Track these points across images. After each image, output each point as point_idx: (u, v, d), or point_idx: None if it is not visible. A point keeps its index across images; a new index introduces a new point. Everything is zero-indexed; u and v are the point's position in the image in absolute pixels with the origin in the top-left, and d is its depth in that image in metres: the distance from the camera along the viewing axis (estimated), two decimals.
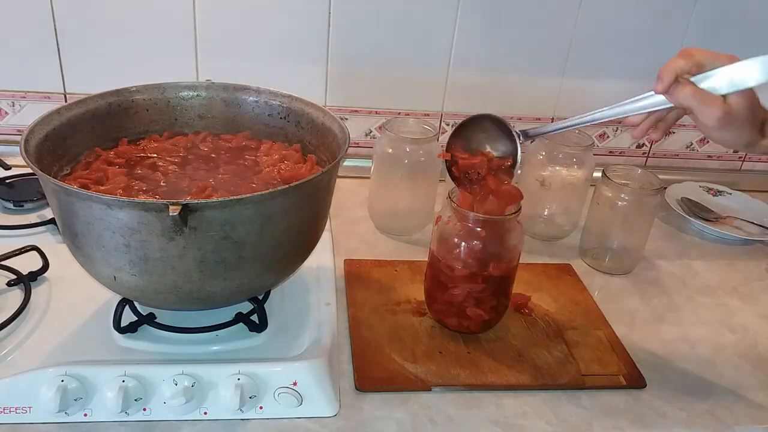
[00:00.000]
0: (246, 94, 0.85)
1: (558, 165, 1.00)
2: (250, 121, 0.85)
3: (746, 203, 1.21)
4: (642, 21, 1.16)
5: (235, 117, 0.86)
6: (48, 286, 0.80)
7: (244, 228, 0.61)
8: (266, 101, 0.84)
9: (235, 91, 0.85)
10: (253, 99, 0.85)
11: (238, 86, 0.85)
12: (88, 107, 0.77)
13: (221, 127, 0.86)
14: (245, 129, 0.86)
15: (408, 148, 0.95)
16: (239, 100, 0.85)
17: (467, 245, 0.74)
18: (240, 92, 0.85)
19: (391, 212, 1.03)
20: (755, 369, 0.81)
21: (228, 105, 0.85)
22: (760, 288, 0.98)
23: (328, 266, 0.87)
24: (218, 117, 0.86)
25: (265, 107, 0.85)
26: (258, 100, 0.85)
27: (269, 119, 0.85)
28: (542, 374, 0.75)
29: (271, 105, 0.84)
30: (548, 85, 1.20)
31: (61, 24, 1.05)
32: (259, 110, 0.85)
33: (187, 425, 0.65)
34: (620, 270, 0.98)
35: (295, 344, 0.73)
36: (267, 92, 0.84)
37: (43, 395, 0.63)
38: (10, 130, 1.13)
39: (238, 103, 0.85)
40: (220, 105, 0.85)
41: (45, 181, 0.60)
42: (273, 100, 0.84)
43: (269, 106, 0.84)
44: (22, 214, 0.96)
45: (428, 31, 1.12)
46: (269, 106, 0.84)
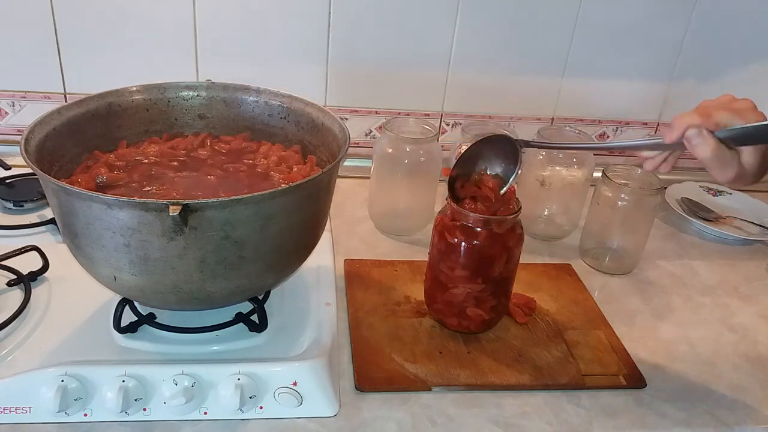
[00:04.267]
0: (246, 94, 0.85)
1: (558, 165, 1.00)
2: (250, 121, 0.85)
3: (746, 203, 1.21)
4: (642, 21, 1.16)
5: (235, 117, 0.86)
6: (48, 286, 0.80)
7: (244, 228, 0.61)
8: (266, 101, 0.84)
9: (235, 91, 0.85)
10: (253, 99, 0.85)
11: (238, 86, 0.85)
12: (88, 107, 0.77)
13: (221, 127, 0.86)
14: (245, 129, 0.86)
15: (408, 148, 0.96)
16: (239, 100, 0.85)
17: (467, 245, 0.74)
18: (240, 92, 0.85)
19: (391, 212, 1.03)
20: (755, 369, 0.81)
21: (228, 105, 0.85)
22: (760, 288, 0.98)
23: (328, 266, 0.87)
24: (218, 117, 0.86)
25: (265, 107, 0.85)
26: (258, 100, 0.85)
27: (269, 119, 0.85)
28: (542, 374, 0.75)
29: (271, 105, 0.84)
30: (548, 85, 1.20)
31: (61, 24, 1.05)
32: (259, 110, 0.85)
33: (187, 425, 0.65)
34: (620, 270, 0.98)
35: (295, 344, 0.73)
36: (267, 92, 0.84)
37: (43, 395, 0.63)
38: (10, 130, 1.13)
39: (238, 103, 0.85)
40: (220, 105, 0.85)
41: (45, 181, 0.60)
42: (273, 100, 0.84)
43: (269, 106, 0.84)
44: (22, 214, 0.96)
45: (428, 31, 1.12)
46: (269, 106, 0.84)
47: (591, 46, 1.17)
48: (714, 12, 1.16)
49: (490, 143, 0.76)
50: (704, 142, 0.60)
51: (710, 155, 0.60)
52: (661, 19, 1.16)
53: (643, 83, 1.21)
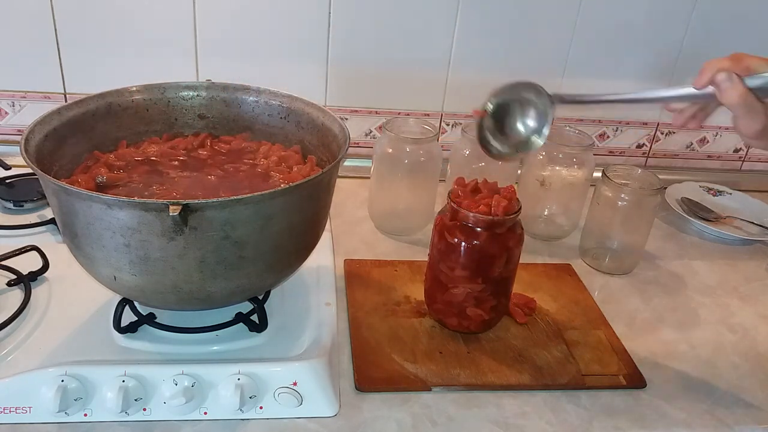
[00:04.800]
0: (246, 94, 0.85)
1: (558, 165, 1.00)
2: (250, 121, 0.85)
3: (746, 203, 1.21)
4: (642, 21, 1.16)
5: (236, 117, 0.86)
6: (48, 286, 0.80)
7: (244, 228, 0.61)
8: (266, 101, 0.84)
9: (235, 91, 0.85)
10: (253, 99, 0.85)
11: (238, 86, 0.85)
12: (88, 107, 0.77)
13: (221, 128, 0.86)
14: (245, 129, 0.86)
15: (408, 148, 0.95)
16: (239, 100, 0.85)
17: (467, 245, 0.74)
18: (240, 92, 0.85)
19: (391, 212, 1.03)
20: (755, 369, 0.81)
21: (228, 105, 0.85)
22: (760, 288, 0.98)
23: (328, 266, 0.87)
24: (218, 117, 0.86)
25: (265, 107, 0.85)
26: (258, 100, 0.85)
27: (269, 119, 0.85)
28: (542, 374, 0.75)
29: (271, 105, 0.84)
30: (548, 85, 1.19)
31: (61, 24, 1.05)
32: (259, 110, 0.85)
33: (187, 425, 0.65)
34: (620, 270, 0.98)
35: (295, 344, 0.73)
36: (267, 92, 0.84)
37: (43, 395, 0.63)
38: (10, 130, 1.13)
39: (238, 103, 0.85)
40: (220, 105, 0.85)
41: (45, 181, 0.60)
42: (273, 100, 0.84)
43: (269, 106, 0.84)
44: (22, 214, 0.96)
45: (428, 32, 1.12)
46: (269, 106, 0.84)
47: (591, 46, 1.17)
48: (714, 12, 1.16)
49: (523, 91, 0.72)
50: (733, 86, 0.58)
51: (738, 100, 0.58)
52: (661, 19, 1.16)
53: (643, 83, 1.21)
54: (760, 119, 0.59)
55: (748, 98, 0.58)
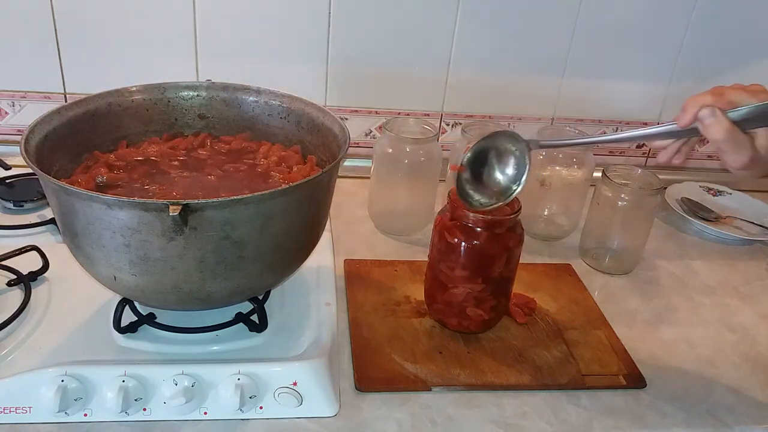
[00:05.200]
0: (246, 94, 0.85)
1: (558, 165, 1.00)
2: (250, 121, 0.85)
3: (746, 203, 1.21)
4: (642, 21, 1.16)
5: (235, 117, 0.86)
6: (48, 286, 0.80)
7: (245, 228, 0.61)
8: (266, 101, 0.84)
9: (235, 91, 0.85)
10: (253, 99, 0.85)
11: (238, 86, 0.85)
12: (88, 107, 0.77)
13: (221, 128, 0.86)
14: (245, 129, 0.86)
15: (408, 148, 0.95)
16: (239, 100, 0.85)
17: (467, 245, 0.74)
18: (240, 92, 0.85)
19: (391, 212, 1.03)
20: (755, 369, 0.81)
21: (228, 105, 0.85)
22: (760, 288, 0.98)
23: (328, 266, 0.87)
24: (218, 117, 0.86)
25: (265, 107, 0.85)
26: (258, 100, 0.85)
27: (269, 119, 0.85)
28: (542, 374, 0.75)
29: (271, 105, 0.84)
30: (548, 85, 1.20)
31: (61, 24, 1.05)
32: (259, 110, 0.85)
33: (187, 425, 0.65)
34: (620, 270, 0.98)
35: (295, 344, 0.73)
36: (267, 92, 0.84)
37: (43, 395, 0.63)
38: (10, 130, 1.13)
39: (238, 103, 0.85)
40: (220, 105, 0.85)
41: (45, 181, 0.60)
42: (273, 100, 0.84)
43: (269, 106, 0.84)
44: (22, 214, 0.96)
45: (428, 31, 1.12)
46: (269, 106, 0.84)
47: (591, 46, 1.17)
48: (714, 12, 1.16)
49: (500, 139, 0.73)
50: (717, 121, 0.58)
51: (723, 136, 0.58)
52: (661, 19, 1.16)
53: (642, 83, 1.21)
54: (745, 152, 0.59)
55: (733, 132, 0.58)
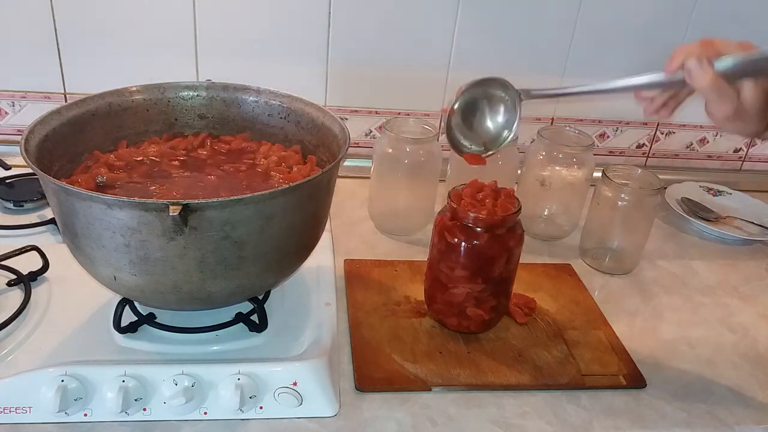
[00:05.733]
0: (246, 94, 0.85)
1: (558, 165, 1.00)
2: (250, 121, 0.85)
3: (746, 203, 1.21)
4: (642, 21, 1.16)
5: (235, 117, 0.86)
6: (48, 286, 0.80)
7: (245, 228, 0.61)
8: (266, 101, 0.84)
9: (235, 91, 0.85)
10: (253, 99, 0.85)
11: (238, 86, 0.85)
12: (88, 107, 0.77)
13: (221, 128, 0.86)
14: (245, 129, 0.86)
15: (408, 148, 0.95)
16: (239, 100, 0.85)
17: (467, 245, 0.74)
18: (240, 92, 0.85)
19: (391, 212, 1.03)
20: (755, 369, 0.81)
21: (228, 105, 0.85)
22: (760, 288, 0.98)
23: (328, 266, 0.87)
24: (218, 117, 0.86)
25: (265, 107, 0.85)
26: (258, 100, 0.85)
27: (269, 119, 0.85)
28: (542, 374, 0.75)
29: (271, 105, 0.84)
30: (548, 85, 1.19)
31: (61, 24, 1.05)
32: (259, 110, 0.85)
33: (187, 425, 0.65)
34: (620, 270, 0.98)
35: (295, 344, 0.73)
36: (267, 92, 0.84)
37: (43, 395, 0.63)
38: (10, 130, 1.13)
39: (238, 103, 0.85)
40: (220, 105, 0.85)
41: (45, 181, 0.60)
42: (273, 100, 0.84)
43: (269, 106, 0.84)
44: (22, 214, 0.96)
45: (428, 31, 1.12)
46: (269, 106, 0.84)
47: (591, 46, 1.17)
48: (714, 12, 1.16)
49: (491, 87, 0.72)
50: (703, 71, 0.58)
51: (708, 84, 0.59)
52: (661, 19, 1.16)
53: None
54: (730, 103, 0.59)
55: (718, 82, 0.59)
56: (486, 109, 0.73)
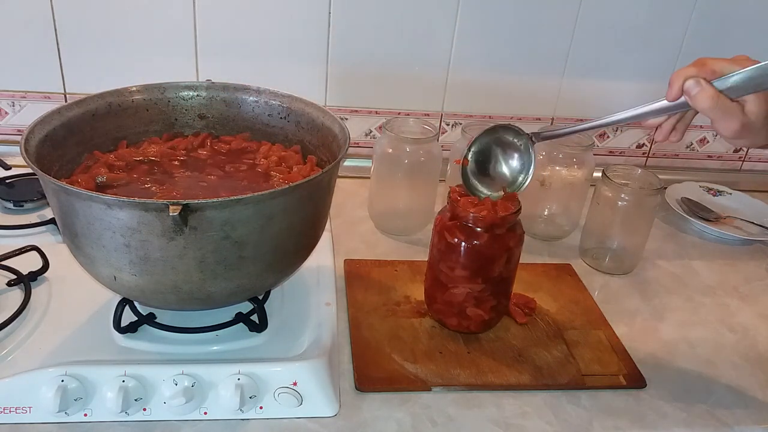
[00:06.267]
0: (246, 94, 0.85)
1: (558, 165, 1.00)
2: (250, 121, 0.85)
3: (746, 203, 1.21)
4: (642, 21, 1.16)
5: (235, 117, 0.86)
6: (48, 286, 0.80)
7: (245, 228, 0.61)
8: (266, 101, 0.84)
9: (235, 91, 0.85)
10: (253, 99, 0.85)
11: (238, 86, 0.85)
12: (88, 107, 0.77)
13: (221, 128, 0.86)
14: (245, 129, 0.86)
15: (408, 148, 0.95)
16: (239, 100, 0.85)
17: (467, 245, 0.74)
18: (240, 92, 0.85)
19: (391, 212, 1.03)
20: (755, 369, 0.81)
21: (228, 105, 0.85)
22: (760, 288, 0.98)
23: (328, 266, 0.87)
24: (218, 117, 0.86)
25: (265, 107, 0.85)
26: (258, 100, 0.85)
27: (269, 119, 0.85)
28: (542, 374, 0.75)
29: (271, 105, 0.84)
30: (548, 85, 1.20)
31: (61, 24, 1.05)
32: (259, 110, 0.85)
33: (187, 425, 0.65)
34: (620, 270, 0.98)
35: (295, 344, 0.73)
36: (267, 92, 0.84)
37: (43, 395, 0.63)
38: (10, 130, 1.13)
39: (238, 103, 0.85)
40: (220, 105, 0.85)
41: (45, 181, 0.60)
42: (273, 100, 0.84)
43: (269, 106, 0.84)
44: (22, 214, 0.96)
45: (428, 31, 1.12)
46: (269, 106, 0.84)
47: (591, 46, 1.17)
48: (714, 12, 1.16)
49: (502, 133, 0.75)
50: (703, 91, 0.59)
51: (710, 104, 0.59)
52: (661, 19, 1.16)
53: (642, 83, 1.21)
54: (736, 119, 0.59)
55: (720, 100, 0.59)
56: (500, 156, 0.76)
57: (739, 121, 0.59)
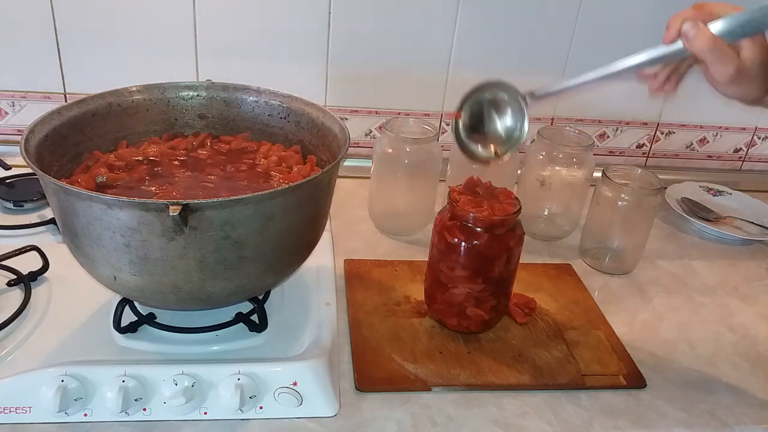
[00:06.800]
0: (246, 94, 0.85)
1: (558, 165, 1.00)
2: (250, 121, 0.85)
3: (746, 203, 1.21)
4: (642, 21, 1.16)
5: (235, 117, 0.86)
6: (48, 286, 0.80)
7: (245, 228, 0.61)
8: (266, 101, 0.84)
9: (235, 91, 0.85)
10: (253, 99, 0.85)
11: (238, 86, 0.85)
12: (88, 107, 0.77)
13: (221, 128, 0.86)
14: (245, 129, 0.86)
15: (408, 148, 0.95)
16: (239, 100, 0.85)
17: (467, 245, 0.74)
18: (240, 92, 0.85)
19: (391, 212, 1.03)
20: (755, 369, 0.81)
21: (228, 105, 0.85)
22: (760, 288, 0.98)
23: (328, 266, 0.87)
24: (218, 117, 0.86)
25: (265, 107, 0.85)
26: (258, 100, 0.85)
27: (269, 119, 0.85)
28: (542, 374, 0.75)
29: (271, 105, 0.84)
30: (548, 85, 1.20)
31: (61, 24, 1.05)
32: (259, 110, 0.85)
33: (187, 425, 0.65)
34: (620, 270, 0.98)
35: (295, 344, 0.73)
36: (267, 92, 0.84)
37: (43, 395, 0.63)
38: (10, 130, 1.13)
39: (238, 103, 0.85)
40: (220, 105, 0.85)
41: (45, 181, 0.60)
42: (273, 100, 0.84)
43: (269, 106, 0.84)
44: (22, 214, 0.96)
45: (428, 32, 1.12)
46: (269, 106, 0.84)
47: (591, 46, 1.17)
48: None
49: (495, 90, 0.72)
50: (700, 33, 0.58)
51: (707, 46, 0.58)
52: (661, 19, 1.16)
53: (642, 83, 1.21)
54: (731, 62, 0.59)
55: (717, 42, 0.58)
56: (494, 114, 0.73)
57: (734, 65, 0.59)
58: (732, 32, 0.59)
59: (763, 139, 1.34)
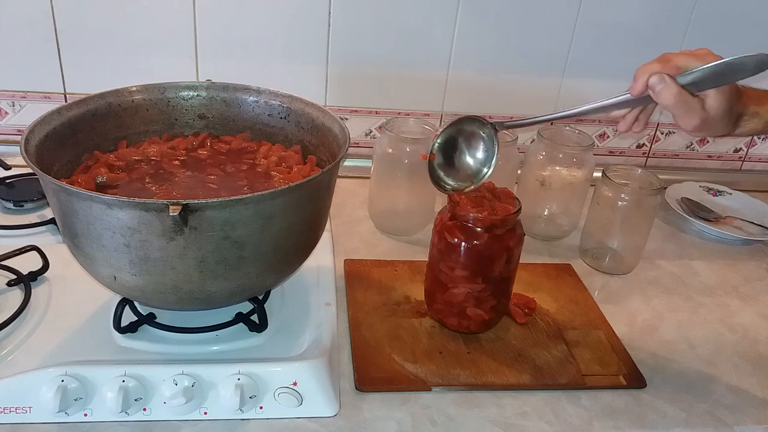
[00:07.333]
0: (246, 94, 0.85)
1: (558, 165, 1.00)
2: (250, 121, 0.85)
3: (746, 203, 1.21)
4: (642, 21, 1.16)
5: (235, 117, 0.86)
6: (48, 286, 0.80)
7: (245, 228, 0.61)
8: (266, 101, 0.84)
9: (235, 91, 0.85)
10: (253, 99, 0.85)
11: (238, 86, 0.85)
12: (88, 107, 0.77)
13: (221, 128, 0.86)
14: (245, 129, 0.86)
15: (408, 148, 0.95)
16: (239, 100, 0.85)
17: (467, 245, 0.74)
18: (240, 92, 0.85)
19: (391, 212, 1.03)
20: (755, 369, 0.81)
21: (228, 105, 0.85)
22: (760, 288, 0.98)
23: (328, 266, 0.87)
24: (218, 117, 0.86)
25: (265, 107, 0.85)
26: (258, 100, 0.85)
27: (269, 119, 0.85)
28: (542, 374, 0.75)
29: (271, 105, 0.84)
30: (548, 85, 1.20)
31: (61, 24, 1.05)
32: (259, 110, 0.85)
33: (187, 425, 0.65)
34: (620, 270, 0.98)
35: (295, 344, 0.73)
36: (267, 92, 0.84)
37: (43, 395, 0.63)
38: (10, 130, 1.13)
39: (238, 103, 0.85)
40: (220, 105, 0.85)
41: (45, 181, 0.60)
42: (273, 100, 0.84)
43: (269, 106, 0.84)
44: (22, 214, 0.96)
45: (428, 32, 1.12)
46: (269, 106, 0.84)
47: (591, 46, 1.17)
48: (714, 12, 1.16)
49: (466, 124, 0.76)
50: (666, 87, 0.61)
51: (673, 100, 0.61)
52: (661, 19, 1.16)
53: None
54: (697, 114, 0.62)
55: (682, 96, 0.61)
56: (464, 147, 0.77)
57: (699, 117, 0.62)
58: (697, 84, 0.62)
59: (763, 139, 1.34)
